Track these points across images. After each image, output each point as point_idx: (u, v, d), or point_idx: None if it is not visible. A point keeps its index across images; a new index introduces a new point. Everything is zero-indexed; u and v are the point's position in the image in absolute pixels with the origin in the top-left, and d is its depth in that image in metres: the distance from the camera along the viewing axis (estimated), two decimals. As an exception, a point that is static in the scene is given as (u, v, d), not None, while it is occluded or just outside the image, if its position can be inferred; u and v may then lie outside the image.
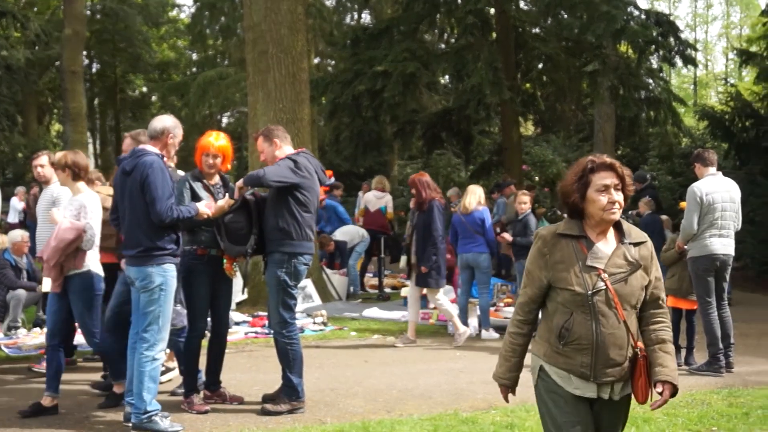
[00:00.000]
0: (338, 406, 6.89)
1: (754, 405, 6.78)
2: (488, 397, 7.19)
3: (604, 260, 3.55)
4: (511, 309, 10.68)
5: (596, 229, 3.63)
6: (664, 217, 14.25)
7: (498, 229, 13.22)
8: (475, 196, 10.92)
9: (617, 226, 3.68)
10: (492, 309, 11.31)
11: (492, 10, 19.45)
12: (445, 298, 10.26)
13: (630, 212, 14.32)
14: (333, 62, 31.49)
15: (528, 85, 22.60)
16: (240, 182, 6.69)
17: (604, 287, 3.50)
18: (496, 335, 10.54)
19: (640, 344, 3.57)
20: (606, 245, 3.62)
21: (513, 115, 19.83)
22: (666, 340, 3.64)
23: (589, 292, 3.49)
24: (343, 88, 18.81)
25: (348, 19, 31.73)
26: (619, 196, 3.58)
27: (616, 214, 3.60)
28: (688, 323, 8.85)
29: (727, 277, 8.52)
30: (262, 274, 7.79)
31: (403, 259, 9.65)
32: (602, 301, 3.49)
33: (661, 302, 3.70)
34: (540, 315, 3.78)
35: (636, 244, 3.66)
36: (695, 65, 24.04)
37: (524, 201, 11.23)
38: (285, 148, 6.90)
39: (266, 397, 6.91)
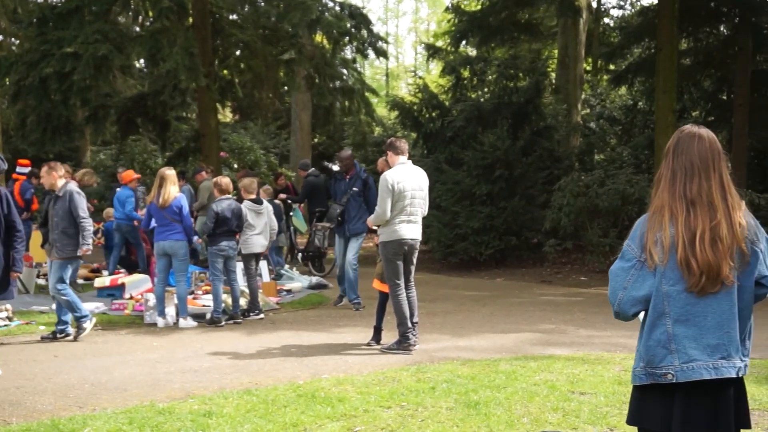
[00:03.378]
0: (25, 405, 6.51)
1: (440, 379, 7.19)
2: (186, 386, 7.12)
3: None
4: (209, 297, 10.68)
5: None
6: None
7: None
8: (174, 185, 10.74)
9: None
10: (190, 297, 11.18)
11: (188, -5, 19.15)
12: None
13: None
14: (17, 42, 29.58)
15: (225, 71, 22.50)
16: None
17: None
18: (194, 323, 10.45)
19: None
20: None
21: (210, 101, 19.66)
22: None
23: None
24: (28, 70, 17.69)
25: (35, -4, 29.92)
26: None
27: None
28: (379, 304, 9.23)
29: (414, 261, 8.97)
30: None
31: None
32: None
33: None
34: None
35: None
36: (387, 57, 25.06)
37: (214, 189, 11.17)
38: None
39: (-58, 401, 6.39)
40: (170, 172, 10.83)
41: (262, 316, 11.24)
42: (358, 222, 11.80)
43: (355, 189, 11.96)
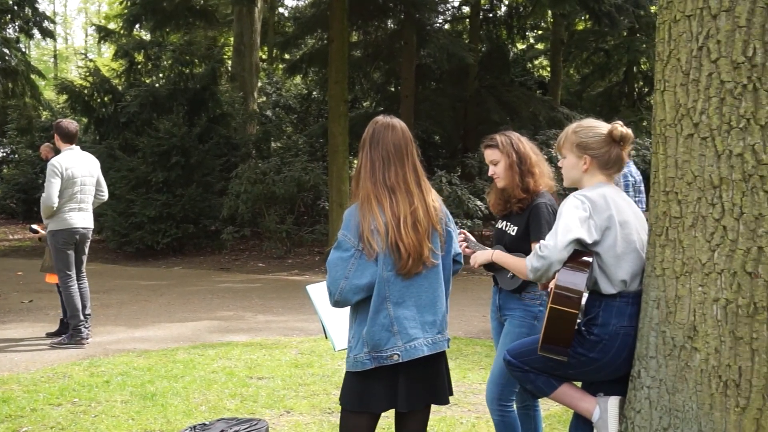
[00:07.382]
0: None
1: (114, 372, 6.98)
2: None
3: None
4: None
5: None
6: None
7: None
8: None
9: None
10: None
11: None
12: None
13: None
14: None
15: None
16: None
17: None
18: None
19: None
20: None
21: None
22: None
23: None
24: None
25: None
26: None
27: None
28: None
29: (86, 250, 8.63)
30: None
31: None
32: None
33: None
34: None
35: None
36: (54, 38, 23.90)
37: None
38: None
39: None
40: None
41: None
42: None
43: None
